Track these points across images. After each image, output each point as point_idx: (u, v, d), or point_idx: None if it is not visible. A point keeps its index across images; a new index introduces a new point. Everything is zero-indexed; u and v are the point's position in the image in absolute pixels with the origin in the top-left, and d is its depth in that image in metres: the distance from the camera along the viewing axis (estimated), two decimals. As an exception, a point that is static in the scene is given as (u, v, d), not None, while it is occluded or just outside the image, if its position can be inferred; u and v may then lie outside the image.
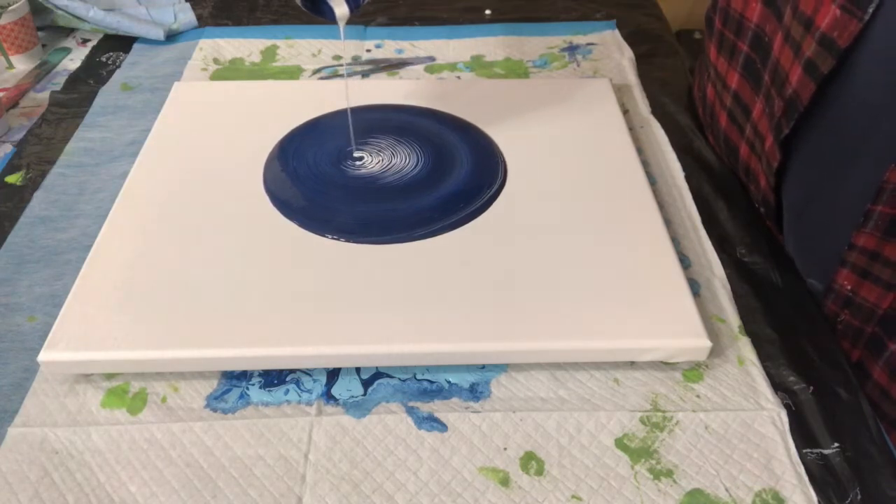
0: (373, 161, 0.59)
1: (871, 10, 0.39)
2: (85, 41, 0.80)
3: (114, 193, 0.55)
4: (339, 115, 0.63)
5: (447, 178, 0.57)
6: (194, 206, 0.54)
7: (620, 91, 0.70)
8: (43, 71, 0.75)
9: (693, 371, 0.46)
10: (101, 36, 0.80)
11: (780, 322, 0.49)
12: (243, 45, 0.78)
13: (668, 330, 0.45)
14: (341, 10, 0.50)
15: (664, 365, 0.46)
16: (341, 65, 0.75)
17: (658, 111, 0.68)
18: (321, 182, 0.56)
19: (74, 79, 0.73)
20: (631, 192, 0.55)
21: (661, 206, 0.55)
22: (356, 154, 0.59)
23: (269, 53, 0.77)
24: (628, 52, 0.76)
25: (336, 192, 0.56)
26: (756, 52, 0.54)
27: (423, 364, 0.46)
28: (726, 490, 0.40)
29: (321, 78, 0.73)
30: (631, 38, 0.79)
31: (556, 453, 0.41)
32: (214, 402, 0.44)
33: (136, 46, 0.78)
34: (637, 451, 0.42)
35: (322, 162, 0.58)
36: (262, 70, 0.74)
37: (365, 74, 0.74)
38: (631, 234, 0.52)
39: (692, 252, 0.54)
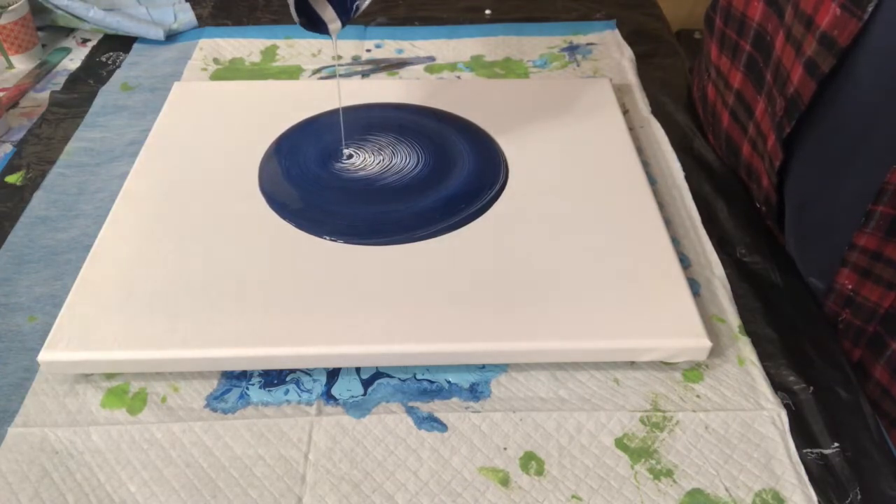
0: (373, 161, 0.59)
1: (870, 9, 0.39)
2: (85, 41, 0.80)
3: (114, 193, 0.55)
4: (343, 113, 0.63)
5: (448, 178, 0.57)
6: (195, 206, 0.54)
7: (620, 91, 0.70)
8: (43, 71, 0.75)
9: (693, 371, 0.46)
10: (101, 36, 0.80)
11: (780, 322, 0.49)
12: (243, 45, 0.78)
13: (668, 330, 0.45)
14: (334, 25, 0.51)
15: (664, 365, 0.46)
16: (341, 65, 0.75)
17: (658, 111, 0.68)
18: (320, 184, 0.56)
19: (74, 79, 0.73)
20: (631, 192, 0.55)
21: (661, 206, 0.55)
22: (346, 152, 0.59)
23: (269, 53, 0.77)
24: (628, 52, 0.76)
25: (337, 193, 0.56)
26: (758, 51, 0.54)
27: (423, 364, 0.46)
28: (726, 490, 0.40)
29: (321, 78, 0.73)
30: (631, 38, 0.79)
31: (556, 453, 0.41)
32: (214, 402, 0.44)
33: (136, 46, 0.78)
34: (637, 451, 0.42)
35: (322, 163, 0.58)
36: (262, 70, 0.74)
37: (365, 74, 0.74)
38: (631, 234, 0.52)
39: (692, 252, 0.54)
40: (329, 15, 0.50)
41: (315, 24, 0.51)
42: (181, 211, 0.53)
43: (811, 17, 0.43)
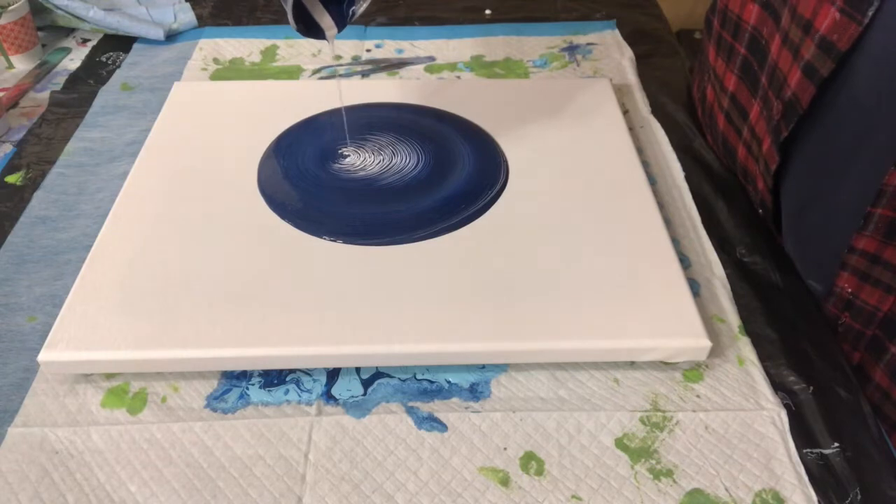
0: (373, 161, 0.59)
1: (870, 14, 0.39)
2: (85, 41, 0.80)
3: (114, 193, 0.55)
4: (344, 112, 0.63)
5: (448, 178, 0.57)
6: (195, 206, 0.54)
7: (620, 91, 0.70)
8: (43, 71, 0.75)
9: (693, 371, 0.46)
10: (101, 36, 0.80)
11: (780, 322, 0.49)
12: (243, 45, 0.78)
13: (668, 330, 0.45)
14: (332, 31, 0.52)
15: (664, 365, 0.46)
16: (341, 65, 0.75)
17: (658, 111, 0.68)
18: (319, 184, 0.56)
19: (74, 79, 0.73)
20: (631, 192, 0.55)
21: (661, 206, 0.55)
22: (345, 152, 0.59)
23: (269, 53, 0.77)
24: (628, 52, 0.76)
25: (336, 193, 0.56)
26: (753, 55, 0.54)
27: (423, 364, 0.46)
28: (726, 490, 0.40)
29: (321, 78, 0.73)
30: (631, 38, 0.79)
31: (556, 453, 0.42)
32: (214, 402, 0.44)
33: (136, 46, 0.78)
34: (637, 451, 0.42)
35: (321, 163, 0.58)
36: (262, 70, 0.74)
37: (365, 74, 0.74)
38: (631, 234, 0.52)
39: (692, 252, 0.54)
40: (327, 22, 0.51)
41: (312, 30, 0.51)
42: (181, 211, 0.53)
43: (810, 22, 0.43)
